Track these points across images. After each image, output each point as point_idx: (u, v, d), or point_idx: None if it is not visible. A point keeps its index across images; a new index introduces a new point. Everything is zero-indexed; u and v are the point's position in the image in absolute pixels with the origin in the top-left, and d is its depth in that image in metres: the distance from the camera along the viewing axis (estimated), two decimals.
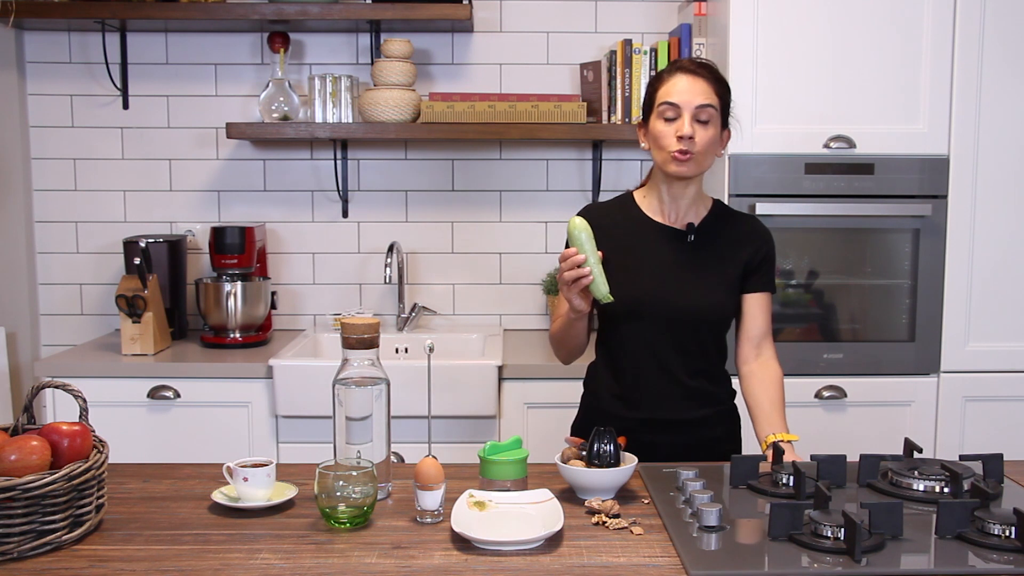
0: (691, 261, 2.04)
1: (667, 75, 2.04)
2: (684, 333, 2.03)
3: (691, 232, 2.07)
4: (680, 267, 2.04)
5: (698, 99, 1.98)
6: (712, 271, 2.05)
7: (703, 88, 1.99)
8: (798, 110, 2.81)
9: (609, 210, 2.14)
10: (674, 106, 1.98)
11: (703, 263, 2.05)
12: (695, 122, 1.98)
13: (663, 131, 2.00)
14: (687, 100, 1.98)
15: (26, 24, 3.17)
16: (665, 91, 2.01)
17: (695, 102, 1.98)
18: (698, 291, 2.02)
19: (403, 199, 3.37)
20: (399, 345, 3.24)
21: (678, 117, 1.98)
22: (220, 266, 3.10)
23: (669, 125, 1.99)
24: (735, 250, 2.08)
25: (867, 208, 2.84)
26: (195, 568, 1.40)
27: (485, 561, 1.42)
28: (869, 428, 2.86)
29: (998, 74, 2.81)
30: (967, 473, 1.73)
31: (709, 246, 2.07)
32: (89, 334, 3.36)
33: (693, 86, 1.99)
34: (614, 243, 2.05)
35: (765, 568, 1.39)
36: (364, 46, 3.32)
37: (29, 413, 1.60)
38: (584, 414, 2.18)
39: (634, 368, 2.04)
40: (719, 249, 2.07)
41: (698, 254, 2.06)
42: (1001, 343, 2.89)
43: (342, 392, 1.67)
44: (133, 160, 3.34)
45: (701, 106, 1.97)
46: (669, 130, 1.99)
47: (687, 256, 2.05)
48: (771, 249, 2.12)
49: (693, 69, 2.01)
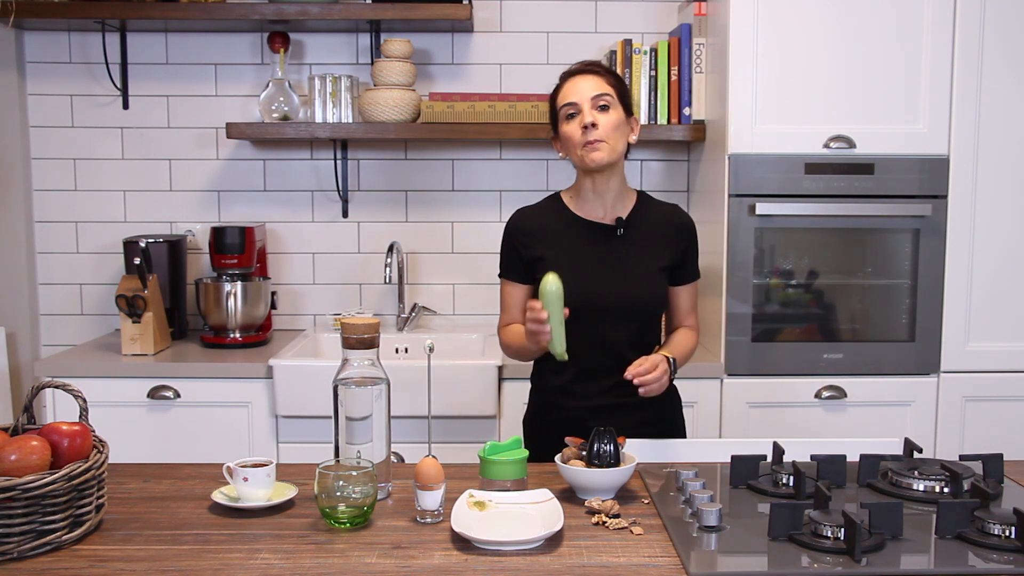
0: (622, 255, 2.13)
1: (561, 83, 2.16)
2: (621, 324, 2.11)
3: (620, 226, 2.14)
4: (612, 261, 2.12)
5: (592, 91, 2.08)
6: (643, 263, 2.13)
7: (595, 82, 2.10)
8: (798, 110, 2.81)
9: (539, 211, 2.22)
10: (572, 104, 2.09)
11: (633, 256, 2.13)
12: (595, 110, 2.07)
13: (569, 130, 2.10)
14: (582, 94, 2.08)
15: (26, 24, 3.17)
16: (562, 95, 2.13)
17: (590, 94, 2.08)
18: (631, 284, 2.10)
19: (403, 199, 3.37)
20: (399, 345, 3.24)
21: (579, 112, 2.08)
22: (220, 266, 3.10)
23: (573, 122, 2.09)
24: (662, 243, 2.16)
25: (867, 208, 2.84)
26: (195, 568, 1.40)
27: (485, 561, 1.42)
28: (869, 428, 2.86)
29: (998, 74, 2.82)
30: (967, 473, 1.73)
31: (637, 239, 2.15)
32: (89, 334, 3.36)
33: (585, 82, 2.10)
34: (546, 243, 2.14)
35: (765, 568, 1.39)
36: (364, 46, 3.32)
37: (29, 413, 1.60)
38: (533, 408, 2.26)
39: (575, 361, 2.05)
40: (647, 241, 2.15)
41: (628, 247, 2.14)
42: (1001, 343, 2.89)
43: (342, 392, 1.67)
44: (133, 160, 3.34)
45: (596, 96, 2.07)
46: (574, 126, 2.09)
47: (618, 250, 2.13)
48: (695, 239, 2.23)
49: (581, 69, 2.14)
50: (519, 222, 2.21)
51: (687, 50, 3.07)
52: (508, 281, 2.22)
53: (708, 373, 2.85)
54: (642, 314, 2.13)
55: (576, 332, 2.03)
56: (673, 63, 3.09)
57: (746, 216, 2.82)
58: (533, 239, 2.16)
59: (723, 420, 2.85)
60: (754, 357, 2.86)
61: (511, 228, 2.21)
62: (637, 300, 2.11)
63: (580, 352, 2.04)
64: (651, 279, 2.14)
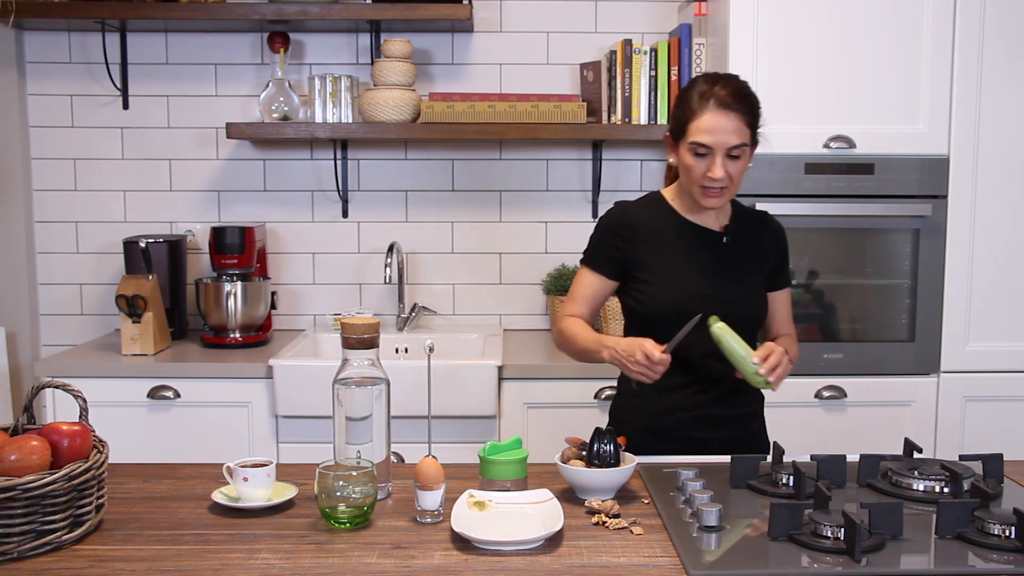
0: (728, 263, 2.06)
1: (699, 108, 1.96)
2: None
3: (727, 234, 2.08)
4: (719, 269, 2.05)
5: (732, 139, 1.94)
6: (748, 272, 2.08)
7: (736, 126, 1.95)
8: (798, 110, 2.81)
9: (645, 209, 2.11)
10: (705, 147, 1.95)
11: (739, 264, 2.07)
12: (727, 159, 1.95)
13: (694, 165, 1.97)
14: (721, 141, 1.94)
15: (26, 24, 3.16)
16: (696, 128, 1.95)
17: (729, 143, 1.94)
18: (739, 292, 2.04)
19: (403, 199, 3.37)
20: (399, 345, 3.24)
21: (710, 155, 1.95)
22: (220, 266, 3.10)
23: (700, 160, 1.96)
24: (761, 250, 2.12)
25: (867, 208, 2.84)
26: (195, 568, 1.40)
27: (485, 561, 1.42)
28: (869, 428, 2.86)
29: (998, 74, 2.81)
30: (967, 473, 1.73)
31: (740, 246, 2.09)
32: (89, 334, 3.36)
33: (726, 124, 1.94)
34: (652, 245, 2.06)
35: (765, 568, 1.39)
36: (364, 46, 3.32)
37: (29, 413, 1.60)
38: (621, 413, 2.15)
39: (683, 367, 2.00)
40: (749, 249, 2.10)
41: (733, 255, 2.08)
42: (1001, 343, 2.89)
43: (342, 392, 1.67)
44: (133, 160, 3.34)
45: (733, 146, 1.95)
46: (701, 166, 1.96)
47: (724, 258, 2.07)
48: (787, 245, 2.18)
49: (727, 104, 1.94)
50: (624, 216, 2.09)
51: (687, 50, 3.07)
52: (592, 271, 2.10)
53: None
54: (749, 322, 2.05)
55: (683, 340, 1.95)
56: (673, 63, 3.09)
57: None
58: (639, 237, 2.06)
59: None
60: None
61: (616, 221, 2.09)
62: (745, 308, 2.03)
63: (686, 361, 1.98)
64: (756, 287, 2.10)
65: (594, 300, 2.12)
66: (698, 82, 2.02)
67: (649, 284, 2.05)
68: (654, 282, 2.04)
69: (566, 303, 2.15)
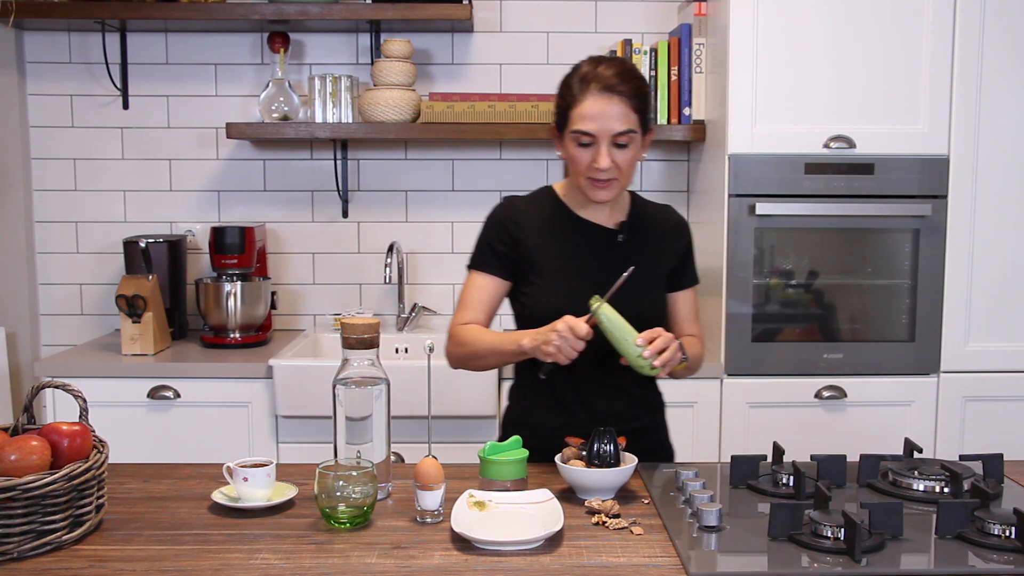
0: (623, 263, 1.90)
1: (580, 93, 1.84)
2: None
3: (622, 232, 1.97)
4: (613, 269, 1.90)
5: (616, 125, 1.82)
6: (645, 272, 1.92)
7: (620, 111, 1.82)
8: (798, 110, 2.81)
9: (534, 205, 1.99)
10: (588, 135, 1.82)
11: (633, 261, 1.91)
12: (613, 147, 1.83)
13: (578, 156, 1.85)
14: (604, 128, 1.81)
15: (26, 24, 3.16)
16: (578, 115, 1.83)
17: (613, 129, 1.82)
18: (634, 293, 1.87)
19: (403, 199, 3.37)
20: (399, 345, 3.24)
21: (594, 143, 1.83)
22: (220, 266, 3.10)
23: (584, 151, 1.84)
24: (661, 247, 2.00)
25: (867, 208, 2.84)
26: (195, 568, 1.40)
27: (485, 561, 1.42)
28: (869, 428, 2.86)
29: (998, 74, 2.81)
30: (967, 473, 1.73)
31: (638, 244, 1.97)
32: (89, 334, 3.36)
33: (609, 109, 1.81)
34: (541, 243, 1.94)
35: (765, 568, 1.39)
36: (364, 46, 3.32)
37: (29, 413, 1.60)
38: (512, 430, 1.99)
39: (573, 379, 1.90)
40: (647, 247, 1.98)
41: (629, 254, 1.95)
42: (1001, 343, 2.89)
43: (342, 392, 1.67)
44: (133, 160, 3.34)
45: (619, 133, 1.82)
46: (585, 156, 1.84)
47: (619, 257, 1.94)
48: (691, 241, 2.06)
49: (610, 87, 1.82)
50: (512, 212, 1.97)
51: (687, 50, 3.07)
52: (482, 274, 1.98)
53: (708, 373, 2.85)
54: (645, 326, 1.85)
55: None
56: (673, 63, 3.10)
57: (746, 216, 2.82)
58: (527, 234, 1.94)
59: (723, 420, 2.85)
60: (754, 357, 2.86)
61: (503, 216, 1.97)
62: (641, 311, 1.86)
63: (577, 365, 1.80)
64: (653, 289, 1.98)
65: (488, 305, 1.97)
66: (580, 65, 1.89)
67: (536, 287, 1.93)
68: (542, 284, 1.92)
69: (457, 312, 1.99)
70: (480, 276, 1.99)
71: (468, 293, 1.99)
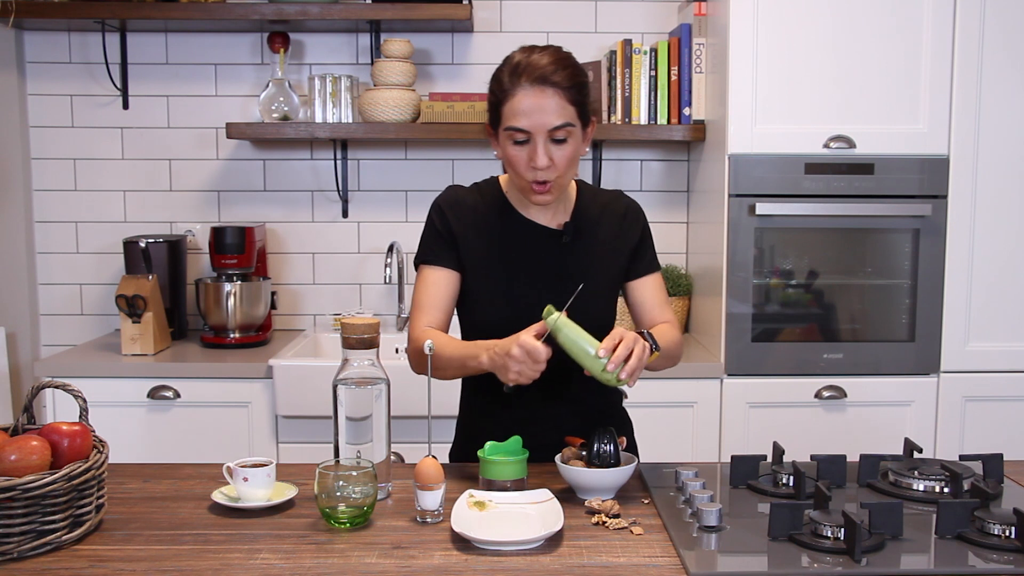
0: (568, 267, 1.81)
1: (511, 86, 1.71)
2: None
3: (567, 233, 1.84)
4: (556, 273, 1.81)
5: (551, 120, 1.69)
6: (594, 275, 1.81)
7: (555, 104, 1.69)
8: (798, 110, 2.81)
9: (478, 196, 1.86)
10: (522, 131, 1.70)
11: (582, 266, 1.82)
12: (551, 143, 1.71)
13: (514, 155, 1.73)
14: (538, 123, 1.69)
15: (26, 24, 3.16)
16: (510, 110, 1.71)
17: (548, 124, 1.69)
18: (584, 303, 1.72)
19: (403, 199, 3.37)
20: (399, 345, 3.23)
21: (530, 140, 1.71)
22: (220, 266, 3.10)
23: (520, 149, 1.72)
24: (610, 245, 1.87)
25: (867, 208, 2.84)
26: (195, 568, 1.40)
27: (485, 561, 1.42)
28: (869, 428, 2.86)
29: (998, 74, 2.81)
30: (967, 473, 1.73)
31: (584, 243, 1.85)
32: (89, 334, 3.36)
33: (543, 103, 1.68)
34: (481, 238, 1.83)
35: (765, 568, 1.39)
36: (364, 46, 3.32)
37: (29, 413, 1.60)
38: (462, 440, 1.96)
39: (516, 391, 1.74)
40: (595, 248, 1.85)
41: (575, 256, 1.83)
42: (1001, 343, 2.89)
43: (342, 392, 1.67)
44: (133, 160, 3.34)
45: (555, 128, 1.70)
46: (521, 155, 1.72)
47: (563, 261, 1.83)
48: (646, 226, 1.91)
49: (542, 78, 1.69)
50: (455, 201, 1.85)
51: (687, 50, 3.08)
52: (434, 267, 1.84)
53: (708, 373, 2.85)
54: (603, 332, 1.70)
55: None
56: (673, 63, 3.10)
57: (746, 216, 2.82)
58: (467, 225, 1.83)
59: (723, 420, 2.85)
60: (754, 357, 2.86)
61: (447, 203, 1.86)
62: (594, 320, 1.72)
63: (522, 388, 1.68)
64: (606, 295, 1.86)
65: (445, 302, 1.84)
66: (512, 56, 1.76)
67: (475, 292, 1.84)
68: (478, 290, 1.83)
69: (413, 314, 1.85)
70: (433, 270, 1.86)
71: (421, 292, 1.85)
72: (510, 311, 1.79)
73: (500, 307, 1.82)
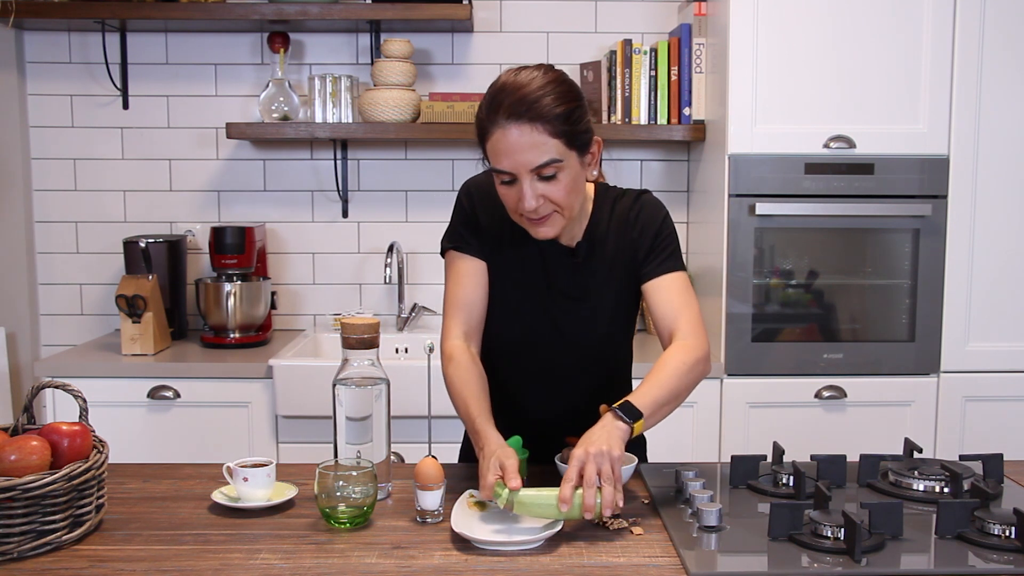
0: (578, 284, 1.75)
1: (489, 123, 1.57)
2: (579, 373, 1.78)
3: (578, 254, 1.75)
4: (567, 295, 1.75)
5: (532, 159, 1.55)
6: (604, 294, 1.76)
7: (535, 141, 1.54)
8: (798, 110, 2.81)
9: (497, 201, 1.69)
10: (506, 173, 1.58)
11: (593, 285, 1.75)
12: (539, 181, 1.58)
13: (504, 194, 1.62)
14: (519, 163, 1.55)
15: (26, 24, 3.16)
16: (492, 150, 1.58)
17: (530, 164, 1.55)
18: (590, 321, 1.71)
19: (403, 199, 3.37)
20: (399, 345, 3.24)
21: (516, 181, 1.59)
22: (220, 266, 3.10)
23: (509, 188, 1.60)
24: (620, 252, 1.76)
25: (867, 208, 2.84)
26: (195, 568, 1.40)
27: (485, 561, 1.42)
28: (869, 428, 2.86)
29: (998, 74, 2.82)
30: (967, 473, 1.73)
31: (596, 258, 1.76)
32: (89, 334, 3.36)
33: (519, 141, 1.54)
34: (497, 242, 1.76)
35: (765, 568, 1.39)
36: (364, 46, 3.32)
37: (29, 413, 1.60)
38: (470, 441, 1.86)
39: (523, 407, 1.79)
40: (606, 258, 1.76)
41: (584, 274, 1.76)
42: (1001, 343, 2.89)
43: (342, 392, 1.67)
44: (133, 160, 3.34)
45: (538, 167, 1.56)
46: (511, 194, 1.60)
47: (574, 278, 1.76)
48: (661, 223, 1.76)
49: (516, 113, 1.54)
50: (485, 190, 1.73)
51: (687, 50, 3.08)
52: (465, 256, 1.75)
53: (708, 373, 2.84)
54: (597, 360, 1.72)
55: (523, 380, 1.78)
56: (673, 63, 3.10)
57: (746, 216, 2.82)
58: (493, 219, 1.73)
59: (723, 420, 2.85)
60: (754, 357, 2.86)
61: (478, 190, 1.77)
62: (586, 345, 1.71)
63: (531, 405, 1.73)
64: (609, 310, 1.77)
65: (479, 297, 1.75)
66: (496, 81, 1.63)
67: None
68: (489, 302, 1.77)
69: (448, 314, 1.74)
70: (461, 259, 1.76)
71: (454, 287, 1.75)
72: (519, 330, 1.76)
73: (510, 324, 1.78)
